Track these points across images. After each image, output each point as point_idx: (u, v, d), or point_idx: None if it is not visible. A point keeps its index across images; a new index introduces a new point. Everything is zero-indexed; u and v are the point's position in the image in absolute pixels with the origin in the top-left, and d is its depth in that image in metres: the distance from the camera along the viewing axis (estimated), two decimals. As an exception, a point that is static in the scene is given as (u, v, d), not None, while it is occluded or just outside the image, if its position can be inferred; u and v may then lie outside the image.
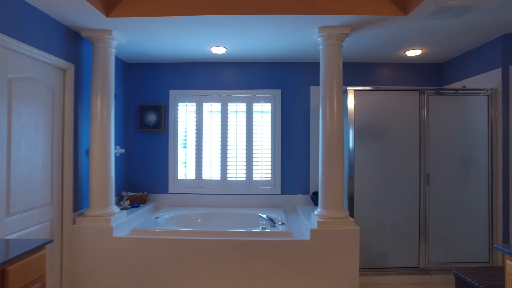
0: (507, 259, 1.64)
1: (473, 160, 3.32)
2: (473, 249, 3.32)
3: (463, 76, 3.75)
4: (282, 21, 2.78)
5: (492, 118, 3.31)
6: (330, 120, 2.89)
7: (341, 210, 2.89)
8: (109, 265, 2.86)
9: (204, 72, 4.14)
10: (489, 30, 3.07)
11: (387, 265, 3.27)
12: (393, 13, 2.66)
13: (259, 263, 2.83)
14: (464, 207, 3.32)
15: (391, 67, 4.17)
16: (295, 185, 4.08)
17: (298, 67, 4.13)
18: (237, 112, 4.12)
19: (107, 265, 2.86)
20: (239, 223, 3.69)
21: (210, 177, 4.08)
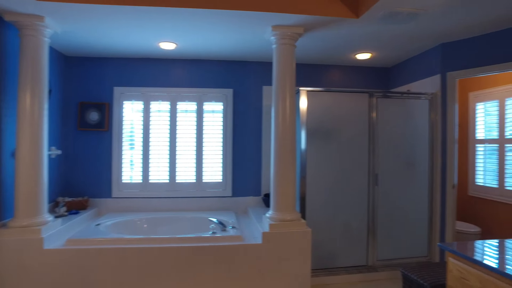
0: (450, 256, 1.70)
1: (416, 160, 3.49)
2: (414, 245, 3.48)
3: (408, 81, 3.94)
4: (234, 18, 2.68)
5: (432, 121, 3.50)
6: (282, 121, 2.84)
7: (293, 212, 2.86)
8: (39, 283, 2.54)
9: (152, 68, 3.90)
10: (431, 38, 3.23)
11: (337, 264, 3.31)
12: (346, 15, 2.68)
13: (209, 269, 2.70)
14: (408, 205, 3.47)
15: (342, 69, 4.26)
16: (247, 187, 4.00)
17: (250, 67, 4.05)
18: (187, 112, 3.94)
19: (37, 283, 2.54)
20: (189, 228, 3.52)
21: (158, 180, 3.86)
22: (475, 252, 1.58)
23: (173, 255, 2.67)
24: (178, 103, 3.92)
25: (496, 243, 1.72)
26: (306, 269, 2.83)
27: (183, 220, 3.58)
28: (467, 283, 1.55)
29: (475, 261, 1.51)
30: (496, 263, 1.43)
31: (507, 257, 1.52)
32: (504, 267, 1.39)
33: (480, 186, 4.19)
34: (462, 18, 2.73)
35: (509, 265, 1.41)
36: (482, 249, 1.63)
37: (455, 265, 1.65)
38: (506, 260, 1.48)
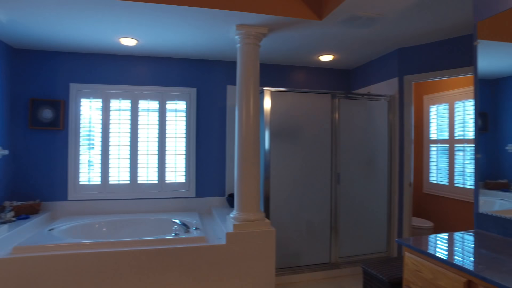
0: (406, 251, 1.77)
1: (376, 160, 3.63)
2: (374, 241, 3.62)
3: (368, 83, 4.09)
4: (198, 15, 2.63)
5: (391, 122, 3.66)
6: (246, 121, 2.84)
7: (257, 212, 2.86)
8: (-18, 292, 2.34)
9: (112, 65, 3.73)
10: (389, 43, 3.38)
11: (301, 263, 3.36)
12: (309, 17, 2.72)
13: (173, 272, 2.63)
14: (368, 203, 3.60)
15: (306, 71, 4.34)
16: (211, 187, 3.95)
17: (215, 66, 4.01)
18: (149, 111, 3.82)
19: (-20, 292, 2.34)
20: (151, 230, 3.41)
21: (118, 181, 3.70)
22: (428, 246, 1.66)
23: (135, 259, 2.57)
24: (140, 101, 3.79)
25: (446, 236, 1.82)
26: (270, 269, 2.84)
27: (145, 222, 3.46)
28: (421, 275, 1.63)
29: (427, 254, 1.58)
30: (445, 255, 1.51)
31: (456, 248, 1.61)
32: (452, 258, 1.47)
33: (433, 183, 4.45)
34: (416, 25, 2.89)
35: (457, 256, 1.49)
36: (434, 243, 1.72)
37: (411, 258, 1.72)
38: (454, 251, 1.57)
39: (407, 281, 1.74)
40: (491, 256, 1.49)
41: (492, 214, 1.85)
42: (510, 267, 1.35)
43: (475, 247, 1.63)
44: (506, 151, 1.80)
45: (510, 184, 1.78)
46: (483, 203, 1.91)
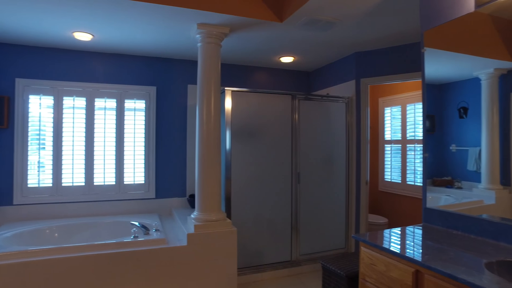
0: (362, 246, 1.85)
1: (334, 159, 3.75)
2: (333, 238, 3.74)
3: (327, 85, 4.22)
4: (158, 12, 2.56)
5: (348, 123, 3.81)
6: (207, 121, 2.81)
7: (218, 212, 2.85)
8: None
9: (65, 60, 3.53)
10: (346, 47, 3.52)
11: (263, 262, 3.39)
12: (270, 19, 2.76)
13: (132, 276, 2.54)
14: (327, 201, 3.71)
15: (267, 71, 4.39)
16: (171, 188, 3.87)
17: (175, 64, 3.93)
18: (106, 109, 3.66)
19: None
20: (108, 234, 3.27)
21: (71, 183, 3.51)
22: (381, 240, 1.75)
23: (91, 265, 2.45)
24: (96, 99, 3.62)
25: (397, 231, 1.93)
26: (232, 268, 2.84)
27: (102, 226, 3.31)
28: (375, 268, 1.71)
29: (380, 248, 1.67)
30: (395, 248, 1.61)
31: (405, 242, 1.71)
32: (402, 251, 1.56)
33: (388, 182, 4.69)
34: (372, 31, 3.03)
35: (406, 249, 1.59)
36: (386, 237, 1.82)
37: (366, 253, 1.80)
38: (404, 244, 1.67)
39: (363, 274, 1.83)
40: (435, 247, 1.60)
41: (437, 209, 1.99)
42: (450, 255, 1.47)
43: (422, 239, 1.74)
44: (450, 150, 1.95)
45: (453, 181, 1.92)
46: (431, 199, 2.05)
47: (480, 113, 1.77)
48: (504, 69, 1.65)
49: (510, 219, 1.61)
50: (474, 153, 1.81)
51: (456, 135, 1.91)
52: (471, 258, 1.43)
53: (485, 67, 1.74)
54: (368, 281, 1.77)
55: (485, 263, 1.37)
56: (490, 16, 1.71)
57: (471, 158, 1.83)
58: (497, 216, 1.67)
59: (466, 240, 1.71)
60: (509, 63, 1.62)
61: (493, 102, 1.71)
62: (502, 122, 1.67)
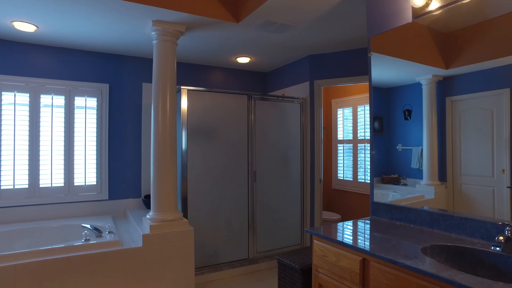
0: (314, 239, 1.94)
1: (289, 158, 3.87)
2: (289, 235, 3.86)
3: (283, 86, 4.34)
4: (111, 6, 2.48)
5: (303, 123, 3.94)
6: (163, 120, 2.77)
7: (174, 212, 2.82)
8: None
9: (5, 52, 3.27)
10: (301, 49, 3.65)
11: (220, 260, 3.40)
12: (226, 19, 2.79)
13: (85, 281, 2.43)
14: (283, 199, 3.82)
15: (224, 71, 4.41)
16: (126, 189, 3.74)
17: (129, 62, 3.81)
18: (53, 106, 3.46)
19: None
20: (57, 238, 3.09)
21: (13, 186, 3.26)
22: (331, 233, 1.86)
23: (37, 272, 2.30)
24: (42, 96, 3.40)
25: (346, 224, 2.05)
26: (189, 268, 2.82)
27: (49, 230, 3.12)
28: (327, 259, 1.81)
29: (330, 240, 1.77)
30: (344, 239, 1.71)
31: (353, 233, 1.83)
32: (350, 241, 1.67)
33: (340, 179, 4.92)
34: (324, 35, 3.18)
35: (353, 239, 1.70)
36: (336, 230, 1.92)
37: (318, 245, 1.89)
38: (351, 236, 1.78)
39: (315, 266, 1.92)
40: (380, 237, 1.73)
41: (382, 202, 2.14)
42: (393, 243, 1.60)
43: (369, 230, 1.87)
44: (397, 150, 2.10)
45: (400, 178, 2.08)
46: (380, 195, 2.20)
47: (422, 115, 1.93)
48: (440, 76, 1.82)
49: (444, 210, 1.79)
50: (417, 152, 1.97)
51: (402, 135, 2.06)
52: (410, 245, 1.57)
53: (425, 73, 1.91)
54: (321, 272, 1.86)
55: (421, 248, 1.51)
56: (427, 27, 1.89)
57: (415, 157, 1.98)
58: (435, 208, 1.84)
59: (407, 229, 1.87)
60: (444, 70, 1.80)
61: (432, 106, 1.88)
62: (440, 124, 1.84)
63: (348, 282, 1.66)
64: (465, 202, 1.71)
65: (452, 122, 1.78)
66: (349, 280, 1.64)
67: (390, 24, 2.11)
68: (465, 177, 1.72)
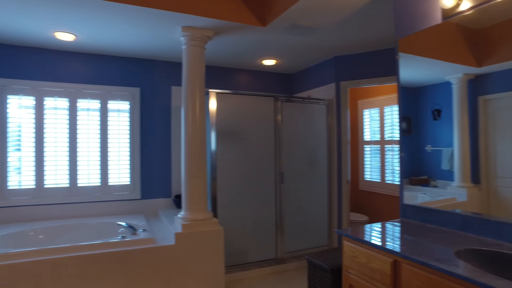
0: (344, 240, 1.95)
1: (316, 159, 3.88)
2: (317, 236, 3.86)
3: (308, 87, 4.35)
4: (142, 14, 2.60)
5: (329, 124, 3.94)
6: (192, 122, 2.87)
7: (204, 212, 2.90)
8: None
9: (47, 61, 3.49)
10: (326, 51, 3.65)
11: (249, 260, 3.46)
12: (253, 23, 2.85)
13: (121, 276, 2.56)
14: (310, 200, 3.83)
15: (249, 74, 4.48)
16: (157, 189, 3.89)
17: (159, 66, 3.95)
18: (90, 110, 3.65)
19: None
20: (95, 234, 3.26)
21: (55, 184, 3.47)
22: (362, 234, 1.87)
23: (78, 266, 2.45)
24: (79, 100, 3.60)
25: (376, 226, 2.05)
26: (220, 267, 2.90)
27: (88, 227, 3.30)
28: (357, 260, 1.82)
29: (361, 241, 1.78)
30: (376, 241, 1.72)
31: (384, 235, 1.83)
32: (381, 243, 1.68)
33: (368, 181, 4.87)
34: (350, 37, 3.18)
35: (385, 241, 1.71)
36: (367, 231, 1.93)
37: (348, 246, 1.91)
38: (383, 237, 1.79)
39: (346, 266, 1.93)
40: (411, 239, 1.73)
41: (413, 204, 2.12)
42: (425, 246, 1.60)
43: (399, 233, 1.87)
44: (426, 151, 2.07)
45: (429, 179, 2.04)
46: (409, 197, 2.17)
47: (452, 115, 1.89)
48: (472, 74, 1.79)
49: (478, 213, 1.76)
50: (447, 153, 1.92)
51: (431, 136, 2.01)
52: (443, 248, 1.56)
53: (455, 72, 1.87)
54: (351, 272, 1.88)
55: (455, 252, 1.50)
56: (457, 25, 1.86)
57: (445, 158, 1.93)
58: (469, 211, 1.80)
59: (439, 232, 1.85)
60: (475, 68, 1.76)
61: (463, 105, 1.84)
62: (472, 124, 1.80)
63: (378, 283, 1.67)
64: (502, 206, 1.66)
65: (485, 122, 1.73)
66: (380, 281, 1.65)
67: (418, 26, 2.09)
68: (501, 179, 1.67)
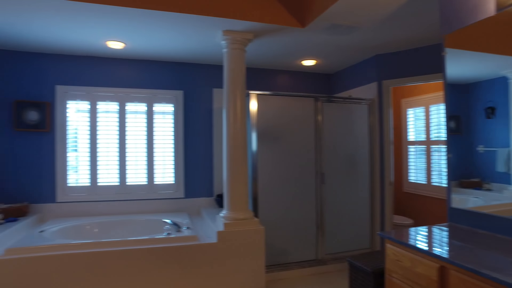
0: (387, 243, 1.91)
1: (358, 160, 3.80)
2: (358, 238, 3.78)
3: (349, 87, 4.27)
4: (186, 21, 2.72)
5: (371, 124, 3.84)
6: (234, 123, 2.94)
7: (246, 211, 2.97)
8: (-27, 296, 2.35)
9: (99, 67, 3.76)
10: (367, 49, 3.57)
11: (289, 260, 3.48)
12: (292, 24, 2.86)
13: (166, 270, 2.70)
14: (352, 202, 3.76)
15: (288, 74, 4.49)
16: (199, 188, 4.03)
17: (201, 69, 4.09)
18: (137, 113, 3.87)
19: (-29, 296, 2.34)
20: (142, 230, 3.46)
21: (107, 182, 3.73)
22: (406, 238, 1.82)
23: (128, 259, 2.62)
24: (127, 104, 3.83)
25: (422, 229, 1.98)
26: (260, 265, 2.95)
27: (136, 223, 3.51)
28: (401, 264, 1.78)
29: (406, 245, 1.74)
30: (421, 245, 1.67)
31: (430, 239, 1.77)
32: (427, 248, 1.62)
33: (412, 182, 4.68)
34: (392, 34, 3.08)
35: (432, 246, 1.65)
36: (411, 235, 1.88)
37: (392, 250, 1.87)
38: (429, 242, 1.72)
39: (389, 270, 1.89)
40: (460, 245, 1.65)
41: (462, 208, 2.02)
42: (475, 253, 1.52)
43: (447, 238, 1.79)
44: (477, 151, 1.93)
45: (482, 182, 1.90)
46: (458, 200, 2.03)
47: (508, 112, 1.74)
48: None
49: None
50: (503, 154, 1.78)
51: (483, 135, 1.88)
52: (497, 256, 1.48)
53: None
54: (394, 276, 1.84)
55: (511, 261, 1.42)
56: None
57: (501, 159, 1.79)
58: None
59: (492, 239, 1.74)
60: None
61: (522, 102, 1.69)
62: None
63: (424, 289, 1.62)
64: None
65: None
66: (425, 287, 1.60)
67: (468, 20, 1.99)
68: None
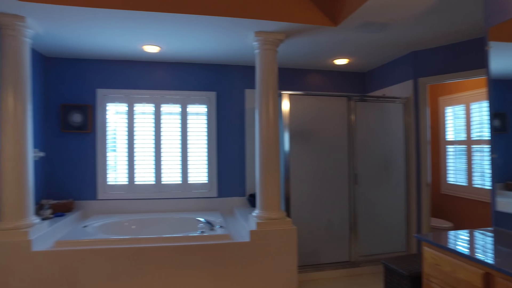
0: (425, 246, 1.85)
1: (392, 160, 3.69)
2: (393, 241, 3.68)
3: (383, 85, 4.16)
4: (218, 23, 2.77)
5: (406, 124, 3.72)
6: (266, 123, 2.96)
7: (278, 211, 2.98)
8: (27, 285, 2.53)
9: (136, 71, 3.92)
10: (402, 47, 3.46)
11: (322, 261, 3.45)
12: (324, 23, 2.84)
13: (199, 268, 2.77)
14: (386, 203, 3.66)
15: (321, 74, 4.44)
16: (232, 188, 4.09)
17: (233, 70, 4.15)
18: (171, 114, 4.00)
19: (26, 286, 2.52)
20: (176, 228, 3.57)
21: (143, 181, 3.88)
22: (446, 241, 1.75)
23: (163, 255, 2.72)
24: (162, 105, 3.97)
25: (463, 233, 1.89)
26: (292, 265, 2.94)
27: (171, 221, 3.62)
28: (440, 268, 1.72)
29: (446, 248, 1.67)
30: (463, 249, 1.60)
31: (473, 243, 1.69)
32: (470, 252, 1.55)
33: (451, 184, 4.47)
34: (428, 29, 2.96)
35: (475, 250, 1.58)
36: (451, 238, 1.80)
37: (430, 253, 1.81)
38: (471, 246, 1.65)
39: (427, 274, 1.83)
40: (507, 251, 1.56)
41: (509, 212, 1.90)
42: (526, 259, 1.43)
43: (492, 243, 1.71)
44: (524, 151, 1.84)
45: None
46: (504, 204, 1.92)
47: None
48: None
49: None
50: None
51: None
52: (547, 261, 1.39)
53: None
54: (433, 281, 1.78)
55: None
56: None
57: None
58: None
59: (542, 244, 1.64)
60: None
61: None
62: None
63: (467, 295, 1.55)
64: None
65: None
66: (469, 293, 1.53)
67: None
68: None
